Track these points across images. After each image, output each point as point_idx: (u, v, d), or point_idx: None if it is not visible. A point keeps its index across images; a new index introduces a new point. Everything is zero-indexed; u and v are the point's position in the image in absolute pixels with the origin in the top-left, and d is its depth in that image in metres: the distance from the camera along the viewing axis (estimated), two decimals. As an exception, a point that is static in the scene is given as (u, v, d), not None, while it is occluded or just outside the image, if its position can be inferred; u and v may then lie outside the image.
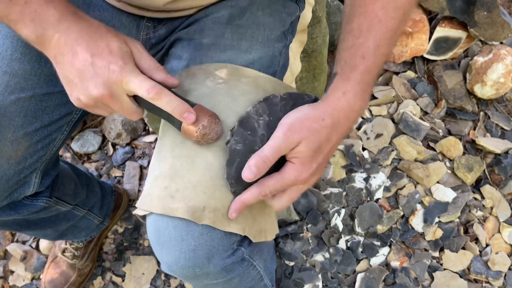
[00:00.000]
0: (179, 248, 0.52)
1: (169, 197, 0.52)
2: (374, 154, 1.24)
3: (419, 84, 1.34)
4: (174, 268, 0.54)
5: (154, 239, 0.54)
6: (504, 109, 1.36)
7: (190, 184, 0.52)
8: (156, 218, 0.53)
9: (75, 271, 1.09)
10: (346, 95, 0.51)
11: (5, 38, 0.60)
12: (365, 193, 1.21)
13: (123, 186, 1.25)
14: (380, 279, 1.12)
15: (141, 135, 1.32)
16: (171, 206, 0.51)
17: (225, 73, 0.57)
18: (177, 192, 0.52)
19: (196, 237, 0.52)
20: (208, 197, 0.52)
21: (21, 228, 0.80)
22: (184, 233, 0.52)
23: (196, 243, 0.52)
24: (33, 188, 0.69)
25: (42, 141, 0.65)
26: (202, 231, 0.52)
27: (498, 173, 1.25)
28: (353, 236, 1.18)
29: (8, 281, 1.16)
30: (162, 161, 0.54)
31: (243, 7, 0.61)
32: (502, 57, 1.26)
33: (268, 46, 0.61)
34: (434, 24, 1.32)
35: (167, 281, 1.14)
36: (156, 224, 0.53)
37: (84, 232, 1.00)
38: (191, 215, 0.51)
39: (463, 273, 1.16)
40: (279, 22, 0.63)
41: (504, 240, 1.20)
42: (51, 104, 0.64)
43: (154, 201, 0.52)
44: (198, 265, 0.53)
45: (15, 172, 0.64)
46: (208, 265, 0.54)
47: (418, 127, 1.26)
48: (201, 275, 0.55)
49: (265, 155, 0.49)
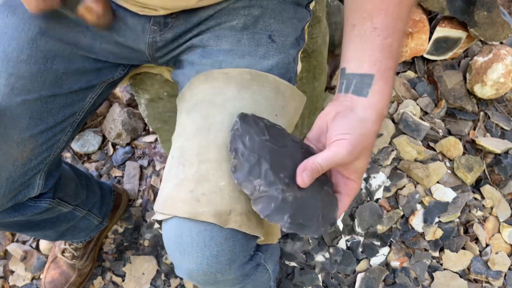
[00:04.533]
0: (201, 254, 0.51)
1: (195, 201, 0.51)
2: (374, 154, 1.24)
3: (419, 84, 1.34)
4: (194, 274, 0.53)
5: (175, 245, 0.53)
6: (504, 109, 1.36)
7: (216, 188, 0.51)
8: (178, 223, 0.52)
9: (75, 271, 1.09)
10: (384, 98, 0.50)
11: (11, 39, 0.60)
12: (365, 193, 1.21)
13: (123, 186, 1.25)
14: (380, 279, 1.13)
15: (141, 135, 1.32)
16: (197, 210, 0.51)
17: (248, 78, 0.57)
18: (203, 196, 0.51)
19: (219, 242, 0.51)
20: (235, 201, 0.51)
21: (22, 229, 0.81)
22: (208, 239, 0.51)
23: (219, 248, 0.52)
24: (37, 189, 0.69)
25: (47, 142, 0.66)
26: (225, 237, 0.52)
27: (498, 173, 1.25)
28: (353, 236, 1.18)
29: (8, 281, 1.16)
30: (186, 165, 0.53)
31: (256, 15, 0.61)
32: (502, 57, 1.26)
33: (284, 52, 0.61)
34: (434, 24, 1.32)
35: (167, 281, 1.14)
36: (177, 229, 0.52)
37: (84, 232, 1.01)
38: (217, 219, 0.50)
39: (463, 273, 1.16)
40: (292, 28, 0.64)
41: (504, 240, 1.20)
42: (56, 106, 0.64)
43: (178, 205, 0.52)
44: (220, 271, 0.53)
45: (21, 174, 0.64)
46: (229, 271, 0.53)
47: (418, 127, 1.26)
48: (222, 281, 0.54)
49: (320, 165, 0.48)
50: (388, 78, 0.50)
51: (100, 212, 1.00)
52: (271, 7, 0.62)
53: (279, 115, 0.59)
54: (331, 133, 0.49)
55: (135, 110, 1.32)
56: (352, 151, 0.47)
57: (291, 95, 0.60)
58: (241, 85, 0.57)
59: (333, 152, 0.48)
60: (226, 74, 0.58)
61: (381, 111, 0.50)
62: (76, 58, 0.65)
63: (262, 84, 0.58)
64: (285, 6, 0.63)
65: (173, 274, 1.15)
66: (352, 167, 0.50)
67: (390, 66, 0.50)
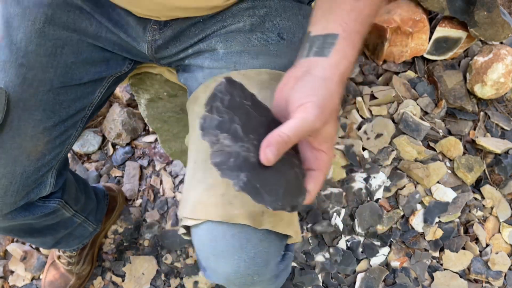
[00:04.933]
0: (238, 256, 0.51)
1: (227, 204, 0.50)
2: (374, 154, 1.24)
3: (419, 84, 1.34)
4: (232, 277, 0.53)
5: (209, 249, 0.52)
6: (504, 109, 1.36)
7: None
8: (212, 226, 0.51)
9: (73, 275, 1.08)
10: (351, 65, 0.46)
11: (18, 29, 0.60)
12: (365, 193, 1.21)
13: (123, 186, 1.25)
14: (380, 279, 1.12)
15: (141, 135, 1.32)
16: (231, 213, 0.50)
17: (267, 78, 0.57)
18: (235, 199, 0.50)
19: (255, 244, 0.51)
20: None
21: (24, 235, 0.80)
22: (244, 241, 0.51)
23: (256, 250, 0.51)
24: (48, 188, 0.69)
25: (60, 137, 0.65)
26: (260, 238, 0.51)
27: (498, 173, 1.25)
28: (353, 236, 1.18)
29: (8, 281, 1.16)
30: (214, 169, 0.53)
31: (262, 15, 0.61)
32: (502, 57, 1.26)
33: (294, 49, 0.61)
34: (434, 24, 1.32)
35: (167, 281, 1.14)
36: (211, 233, 0.52)
37: (78, 240, 0.99)
38: (252, 221, 0.50)
39: (463, 273, 1.16)
40: (298, 25, 0.63)
41: (504, 240, 1.20)
42: (68, 98, 0.64)
43: (210, 209, 0.51)
44: (257, 273, 0.52)
45: (35, 169, 0.63)
46: (266, 272, 0.53)
47: (418, 127, 1.26)
48: (258, 282, 0.54)
49: (288, 137, 0.41)
50: (354, 41, 0.46)
51: (96, 219, 0.99)
52: (274, 6, 0.62)
53: None
54: (293, 100, 0.43)
55: (135, 110, 1.32)
56: (320, 115, 0.41)
57: None
58: (260, 86, 0.56)
59: (300, 119, 0.41)
60: (244, 75, 0.57)
61: (343, 71, 0.45)
62: (84, 47, 0.64)
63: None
64: (288, 4, 0.63)
65: (173, 274, 1.15)
66: (322, 135, 0.44)
67: (358, 30, 0.47)
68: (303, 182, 0.46)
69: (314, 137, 0.45)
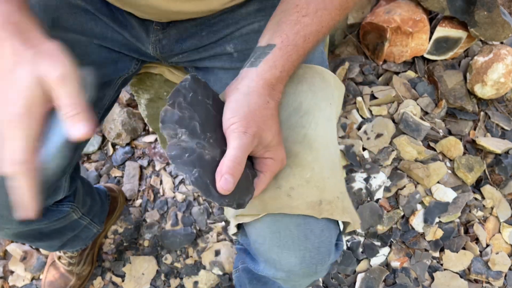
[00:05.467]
0: (304, 247, 0.52)
1: (285, 196, 0.51)
2: (374, 154, 1.24)
3: (420, 84, 1.34)
4: (297, 268, 0.53)
5: (273, 242, 0.52)
6: (505, 109, 1.36)
7: (303, 181, 0.51)
8: (273, 220, 0.52)
9: (73, 275, 1.08)
10: (282, 74, 0.48)
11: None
12: (365, 193, 1.21)
13: (123, 186, 1.25)
14: (380, 279, 1.12)
15: (141, 135, 1.32)
16: (291, 204, 0.51)
17: (301, 72, 0.57)
18: (292, 190, 0.51)
19: (318, 234, 0.52)
20: (321, 191, 0.52)
21: (34, 240, 0.79)
22: (308, 231, 0.51)
23: (319, 240, 0.52)
24: (63, 192, 0.69)
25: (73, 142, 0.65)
26: (322, 227, 0.52)
27: (498, 173, 1.25)
28: (353, 236, 1.18)
29: (8, 281, 1.16)
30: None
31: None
32: (502, 57, 1.26)
33: None
34: (435, 24, 1.32)
35: (167, 281, 1.14)
36: (273, 226, 0.52)
37: (82, 241, 0.99)
38: (312, 211, 0.51)
39: (463, 273, 1.16)
40: None
41: (505, 240, 1.20)
42: None
43: (268, 203, 0.51)
44: (321, 262, 0.53)
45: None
46: (328, 261, 0.54)
47: (418, 127, 1.25)
48: (320, 271, 0.55)
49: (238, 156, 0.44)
50: (290, 53, 0.48)
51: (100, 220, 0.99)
52: None
53: (332, 103, 0.59)
54: (224, 119, 0.47)
55: (135, 110, 1.32)
56: (246, 133, 0.44)
57: (335, 84, 0.61)
58: (297, 79, 0.57)
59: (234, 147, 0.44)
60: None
61: (269, 79, 0.47)
62: (92, 48, 0.64)
63: (313, 75, 0.58)
64: None
65: (173, 274, 1.15)
66: (262, 145, 0.46)
67: (297, 43, 0.48)
68: (252, 182, 0.49)
69: (254, 152, 0.47)
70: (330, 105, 0.58)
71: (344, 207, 0.55)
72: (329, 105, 0.58)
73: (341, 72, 1.32)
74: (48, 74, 0.40)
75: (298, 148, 0.53)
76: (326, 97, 0.57)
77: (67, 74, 0.40)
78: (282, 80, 0.49)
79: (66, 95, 0.40)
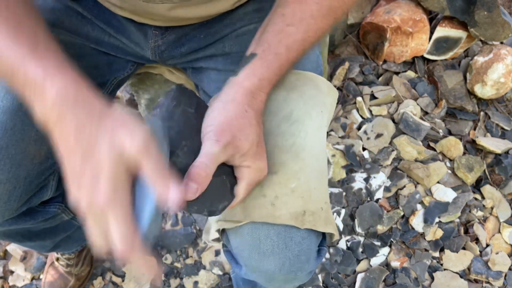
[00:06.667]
0: (283, 255, 0.52)
1: (269, 205, 0.51)
2: (374, 154, 1.24)
3: (420, 84, 1.34)
4: (276, 274, 0.54)
5: (253, 249, 0.53)
6: (505, 109, 1.36)
7: (288, 190, 0.52)
8: (254, 227, 0.53)
9: (72, 276, 1.08)
10: (262, 82, 0.48)
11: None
12: (365, 193, 1.21)
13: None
14: (380, 279, 1.12)
15: (141, 135, 1.32)
16: (274, 214, 0.51)
17: (293, 78, 0.57)
18: (276, 199, 0.51)
19: (298, 242, 0.52)
20: (306, 201, 0.52)
21: (23, 239, 0.79)
22: (288, 240, 0.52)
23: (299, 248, 0.52)
24: (50, 192, 0.68)
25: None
26: (303, 236, 0.53)
27: (498, 173, 1.25)
28: (353, 236, 1.18)
29: (8, 281, 1.16)
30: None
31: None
32: (502, 57, 1.26)
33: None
34: (435, 24, 1.32)
35: (167, 281, 1.14)
36: (254, 233, 0.53)
37: (77, 243, 0.99)
38: (295, 221, 0.51)
39: (463, 273, 1.16)
40: None
41: (505, 240, 1.20)
42: None
43: (251, 211, 0.52)
44: (300, 269, 0.54)
45: (38, 173, 0.63)
46: (307, 268, 0.54)
47: (418, 127, 1.25)
48: (299, 277, 0.55)
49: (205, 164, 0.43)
50: (270, 61, 0.48)
51: None
52: None
53: (323, 111, 0.59)
54: (204, 125, 0.47)
55: (135, 110, 1.32)
56: (218, 141, 0.44)
57: (328, 91, 0.60)
58: (289, 87, 0.57)
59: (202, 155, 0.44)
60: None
61: (248, 87, 0.47)
62: (87, 51, 0.64)
63: (305, 83, 0.58)
64: None
65: (173, 274, 1.15)
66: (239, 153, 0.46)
67: (279, 52, 0.49)
68: (231, 189, 0.49)
69: (232, 160, 0.47)
70: (321, 113, 0.58)
71: (327, 217, 0.55)
72: (320, 112, 0.58)
73: (341, 72, 1.32)
74: (128, 145, 0.38)
75: (285, 157, 0.53)
76: (317, 105, 0.57)
77: (147, 140, 0.39)
78: (263, 88, 0.49)
79: (151, 162, 0.38)
